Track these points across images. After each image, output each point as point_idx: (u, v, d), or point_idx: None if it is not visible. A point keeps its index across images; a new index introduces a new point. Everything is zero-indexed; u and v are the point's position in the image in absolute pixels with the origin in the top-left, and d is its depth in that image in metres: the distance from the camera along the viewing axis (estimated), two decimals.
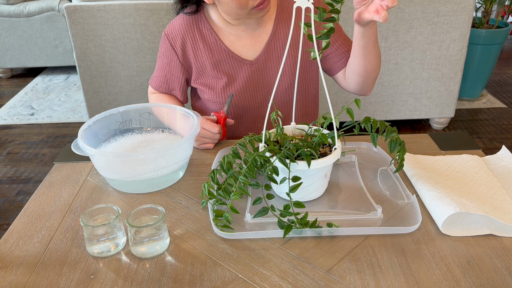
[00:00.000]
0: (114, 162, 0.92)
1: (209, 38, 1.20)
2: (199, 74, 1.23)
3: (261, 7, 1.08)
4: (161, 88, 1.28)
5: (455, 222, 0.83)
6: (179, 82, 1.25)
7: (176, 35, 1.20)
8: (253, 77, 1.21)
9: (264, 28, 1.20)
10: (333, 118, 0.86)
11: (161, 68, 1.26)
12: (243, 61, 1.20)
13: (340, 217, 0.85)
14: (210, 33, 1.19)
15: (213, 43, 1.20)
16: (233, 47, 1.20)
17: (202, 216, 0.88)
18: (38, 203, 0.93)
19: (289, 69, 1.21)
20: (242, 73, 1.20)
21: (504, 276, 0.72)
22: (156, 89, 1.29)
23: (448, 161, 1.00)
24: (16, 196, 2.23)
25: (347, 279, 0.72)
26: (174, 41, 1.21)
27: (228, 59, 1.20)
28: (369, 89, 1.19)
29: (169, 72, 1.25)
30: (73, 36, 2.33)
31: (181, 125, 1.09)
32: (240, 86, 1.21)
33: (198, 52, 1.20)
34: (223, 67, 1.20)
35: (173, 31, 1.21)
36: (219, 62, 1.20)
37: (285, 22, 1.20)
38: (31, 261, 0.77)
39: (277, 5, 1.20)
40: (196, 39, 1.20)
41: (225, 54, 1.20)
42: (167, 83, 1.26)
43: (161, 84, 1.27)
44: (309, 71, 1.25)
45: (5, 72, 3.77)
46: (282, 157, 0.82)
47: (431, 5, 2.30)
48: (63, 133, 2.85)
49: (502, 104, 3.10)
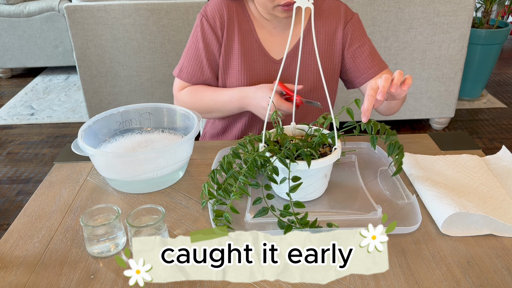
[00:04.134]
0: (114, 162, 0.92)
1: (244, 25, 1.17)
2: (225, 58, 1.19)
3: (287, 8, 1.07)
4: (194, 79, 1.21)
5: (455, 222, 0.83)
6: (215, 68, 1.20)
7: (215, 13, 1.16)
8: (275, 76, 1.20)
9: (295, 29, 1.19)
10: (333, 118, 0.86)
11: (195, 54, 1.19)
12: (270, 58, 1.19)
13: (340, 217, 0.85)
14: (247, 20, 1.17)
15: (247, 32, 1.18)
16: (264, 41, 1.19)
17: (202, 216, 0.88)
18: (38, 203, 0.93)
19: (312, 75, 1.20)
20: (266, 69, 1.19)
21: (504, 276, 0.72)
22: (187, 80, 1.21)
23: (448, 161, 1.00)
24: (16, 196, 2.23)
25: (347, 279, 0.72)
26: (213, 20, 1.17)
27: (257, 52, 1.18)
28: (397, 111, 1.22)
29: (205, 58, 1.19)
30: (73, 36, 2.33)
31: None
32: (261, 82, 1.19)
33: (232, 35, 1.17)
34: (250, 58, 1.18)
35: (212, 10, 1.17)
36: (247, 52, 1.18)
37: (318, 27, 1.19)
38: (31, 261, 0.77)
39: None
40: (233, 21, 1.17)
41: (256, 46, 1.18)
42: (201, 72, 1.19)
43: (194, 74, 1.20)
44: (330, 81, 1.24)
45: (5, 72, 3.77)
46: (282, 157, 0.82)
47: (431, 5, 2.30)
48: (63, 133, 2.85)
49: (502, 104, 3.11)
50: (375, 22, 2.33)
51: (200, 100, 1.20)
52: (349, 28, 1.19)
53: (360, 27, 1.21)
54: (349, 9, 1.21)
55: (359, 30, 1.21)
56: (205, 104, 1.20)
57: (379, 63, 1.21)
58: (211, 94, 1.19)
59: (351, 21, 1.20)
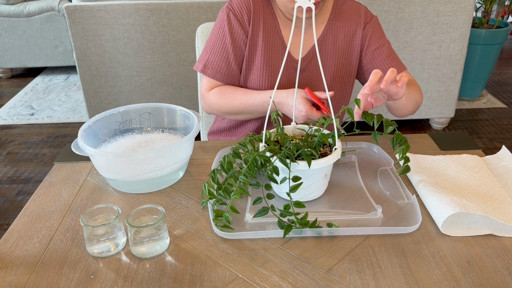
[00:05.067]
0: (114, 162, 0.92)
1: (269, 22, 1.17)
2: (249, 54, 1.18)
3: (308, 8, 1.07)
4: (219, 74, 1.18)
5: (455, 222, 0.83)
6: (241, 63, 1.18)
7: (242, 6, 1.15)
8: (294, 76, 1.20)
9: (316, 30, 1.19)
10: (333, 118, 0.86)
11: (220, 50, 1.17)
12: (290, 57, 1.19)
13: (340, 217, 0.85)
14: (272, 17, 1.17)
15: (272, 28, 1.17)
16: (287, 40, 1.18)
17: (202, 216, 0.88)
18: (38, 203, 0.93)
19: (328, 76, 1.20)
20: (286, 68, 1.19)
21: (504, 276, 0.72)
22: (212, 76, 1.19)
23: (448, 161, 1.00)
24: (16, 196, 2.23)
25: (347, 279, 0.72)
26: (240, 14, 1.15)
27: (280, 50, 1.18)
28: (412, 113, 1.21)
29: (232, 53, 1.17)
30: (73, 36, 2.33)
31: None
32: (281, 80, 1.19)
33: (257, 30, 1.16)
34: (272, 56, 1.18)
35: (239, 5, 1.15)
36: (271, 48, 1.18)
37: (338, 28, 1.19)
38: (31, 261, 0.77)
39: (332, 11, 1.19)
40: (259, 16, 1.16)
41: (279, 43, 1.18)
42: (228, 67, 1.18)
43: (219, 69, 1.18)
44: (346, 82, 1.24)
45: (5, 72, 3.77)
46: (282, 157, 0.82)
47: (431, 5, 2.30)
48: (63, 133, 2.85)
49: (502, 104, 3.10)
50: None
51: (229, 102, 1.19)
52: (368, 29, 1.20)
53: (379, 28, 1.21)
54: (369, 11, 1.21)
55: (378, 32, 1.21)
56: (234, 106, 1.18)
57: (397, 65, 1.20)
58: (241, 97, 1.17)
59: (370, 23, 1.20)
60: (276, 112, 0.94)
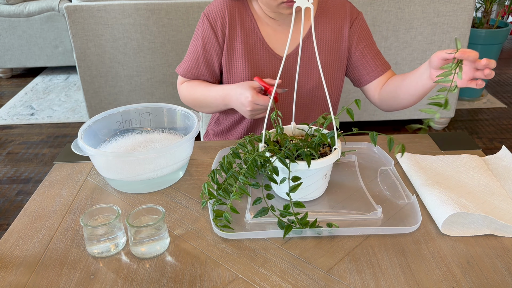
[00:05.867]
0: (114, 162, 0.92)
1: (247, 24, 1.18)
2: (228, 58, 1.20)
3: (291, 4, 1.07)
4: (189, 74, 1.23)
5: (455, 222, 0.83)
6: (211, 66, 1.22)
7: (216, 13, 1.17)
8: (282, 74, 1.20)
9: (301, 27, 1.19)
10: (333, 118, 0.86)
11: (193, 51, 1.22)
12: (275, 56, 1.19)
13: (340, 217, 0.85)
14: (250, 19, 1.18)
15: (250, 30, 1.18)
16: (268, 38, 1.19)
17: (202, 216, 0.88)
18: (38, 203, 0.93)
19: (317, 72, 1.20)
20: (271, 67, 1.19)
21: (504, 276, 0.72)
22: (183, 75, 1.24)
23: (448, 161, 1.00)
24: (16, 196, 2.23)
25: (347, 279, 0.72)
26: (214, 20, 1.18)
27: (261, 50, 1.19)
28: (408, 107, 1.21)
29: (203, 56, 1.21)
30: (73, 36, 2.33)
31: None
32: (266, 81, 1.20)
33: (234, 35, 1.18)
34: (254, 56, 1.19)
35: (214, 10, 1.18)
36: (251, 50, 1.18)
37: (324, 24, 1.19)
38: (31, 261, 0.77)
39: (317, 6, 1.19)
40: (235, 20, 1.17)
41: (260, 44, 1.18)
42: (197, 68, 1.22)
43: (190, 70, 1.23)
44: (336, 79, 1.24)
45: (5, 72, 3.77)
46: (282, 157, 0.82)
47: (431, 5, 2.30)
48: (63, 133, 2.85)
49: (502, 104, 3.10)
50: (375, 22, 2.33)
51: (193, 94, 1.23)
52: (356, 26, 1.20)
53: (365, 26, 1.23)
54: (354, 7, 1.22)
55: (365, 29, 1.22)
56: (197, 99, 1.23)
57: (385, 62, 1.25)
58: (203, 89, 1.21)
59: (357, 20, 1.20)
60: (276, 112, 0.94)
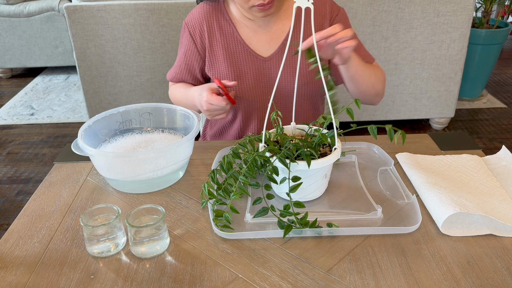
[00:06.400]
0: (114, 162, 0.92)
1: (226, 29, 1.19)
2: (211, 64, 1.22)
3: (262, 8, 1.08)
4: (174, 79, 1.29)
5: (455, 222, 0.83)
6: (192, 72, 1.26)
7: (195, 23, 1.21)
8: (265, 74, 1.20)
9: (282, 26, 1.19)
10: (333, 118, 0.86)
11: (178, 58, 1.27)
12: (257, 57, 1.19)
13: (340, 217, 0.85)
14: (228, 24, 1.19)
15: (229, 34, 1.19)
16: (249, 41, 1.19)
17: (202, 216, 0.88)
18: (38, 203, 0.93)
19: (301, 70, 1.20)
20: (254, 69, 1.20)
21: (504, 276, 0.72)
22: (170, 79, 1.30)
23: (448, 161, 1.00)
24: (16, 196, 2.23)
25: (347, 279, 0.72)
26: (193, 29, 1.21)
27: (243, 53, 1.19)
28: (373, 102, 1.21)
29: (184, 62, 1.25)
30: (73, 36, 2.33)
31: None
32: (251, 82, 1.20)
33: (214, 41, 1.20)
34: (236, 60, 1.20)
35: (192, 19, 1.21)
36: (233, 54, 1.19)
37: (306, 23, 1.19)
38: (31, 261, 0.77)
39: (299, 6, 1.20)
40: (214, 27, 1.20)
41: (240, 47, 1.19)
42: (181, 74, 1.27)
43: (175, 75, 1.28)
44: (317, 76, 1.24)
45: (5, 72, 3.77)
46: (282, 157, 0.82)
47: (431, 5, 2.30)
48: (63, 133, 2.85)
49: (502, 104, 3.10)
50: (375, 22, 2.33)
51: (176, 95, 1.28)
52: (335, 22, 1.19)
53: (346, 22, 1.22)
54: (334, 4, 1.22)
55: (345, 25, 1.21)
56: (179, 100, 1.27)
57: (366, 57, 1.21)
58: (182, 92, 1.26)
59: (337, 17, 1.20)
60: (275, 112, 0.94)
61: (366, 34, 2.35)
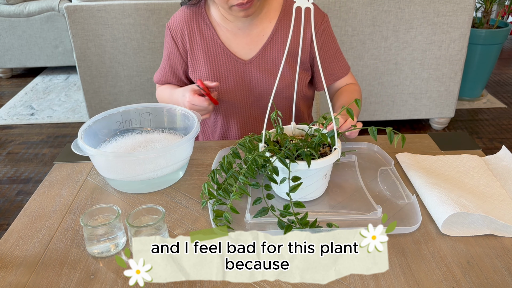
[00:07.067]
0: (114, 162, 0.92)
1: (206, 32, 1.20)
2: (193, 67, 1.24)
3: (242, 7, 1.07)
4: (161, 81, 1.31)
5: (455, 222, 0.83)
6: (177, 74, 1.28)
7: (176, 26, 1.22)
8: (246, 77, 1.21)
9: (263, 29, 1.19)
10: (333, 118, 0.86)
11: (163, 60, 1.29)
12: (237, 60, 1.20)
13: (340, 217, 0.85)
14: (208, 27, 1.20)
15: (209, 38, 1.20)
16: (229, 44, 1.20)
17: (202, 216, 0.88)
18: (38, 203, 0.93)
19: (284, 73, 1.20)
20: (235, 72, 1.20)
21: (504, 276, 0.72)
22: (157, 81, 1.32)
23: (448, 161, 1.00)
24: (16, 196, 2.23)
25: (347, 279, 0.72)
26: (175, 32, 1.23)
27: (223, 56, 1.20)
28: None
29: (168, 65, 1.27)
30: (73, 36, 2.33)
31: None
32: (232, 85, 1.21)
33: (195, 45, 1.21)
34: (217, 63, 1.20)
35: (174, 22, 1.23)
36: (213, 58, 1.20)
37: (287, 27, 1.18)
38: (31, 261, 0.77)
39: (281, 9, 1.19)
40: (194, 31, 1.21)
41: (221, 50, 1.20)
42: (166, 76, 1.29)
43: (161, 77, 1.30)
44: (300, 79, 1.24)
45: (5, 72, 3.77)
46: (282, 157, 0.82)
47: (431, 5, 2.30)
48: (63, 133, 2.85)
49: (502, 104, 3.10)
50: (375, 22, 2.33)
51: (163, 97, 1.30)
52: (318, 29, 1.20)
53: (328, 31, 1.23)
54: (319, 9, 1.22)
55: (327, 35, 1.22)
56: (166, 101, 1.28)
57: (343, 66, 1.25)
58: (168, 93, 1.28)
59: (321, 24, 1.20)
60: (276, 112, 0.94)
61: (366, 34, 2.35)
